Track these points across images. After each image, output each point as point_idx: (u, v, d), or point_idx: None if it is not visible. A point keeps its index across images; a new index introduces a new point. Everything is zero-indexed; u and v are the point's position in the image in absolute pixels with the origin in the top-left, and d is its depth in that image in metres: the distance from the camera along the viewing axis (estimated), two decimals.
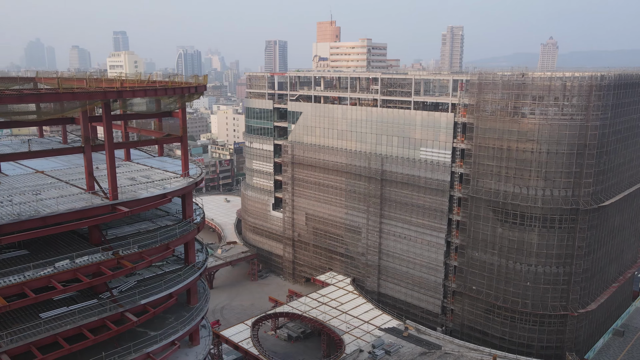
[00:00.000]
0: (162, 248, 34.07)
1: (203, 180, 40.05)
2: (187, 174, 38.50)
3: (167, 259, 40.40)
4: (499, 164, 74.70)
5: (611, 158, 75.43)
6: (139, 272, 37.27)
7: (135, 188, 35.22)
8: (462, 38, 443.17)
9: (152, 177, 38.29)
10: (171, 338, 34.92)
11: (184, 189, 36.42)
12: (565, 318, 75.66)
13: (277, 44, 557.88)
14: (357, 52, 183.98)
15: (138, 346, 33.10)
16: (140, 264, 32.15)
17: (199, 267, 38.94)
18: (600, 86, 69.02)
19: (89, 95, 30.28)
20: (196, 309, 38.63)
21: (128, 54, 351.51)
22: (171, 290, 34.77)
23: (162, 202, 34.29)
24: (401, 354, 72.53)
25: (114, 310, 31.54)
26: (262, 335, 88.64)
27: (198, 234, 39.87)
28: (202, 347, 40.19)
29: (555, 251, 73.93)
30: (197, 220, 39.26)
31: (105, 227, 37.48)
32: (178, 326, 35.97)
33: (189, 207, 38.47)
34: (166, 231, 36.45)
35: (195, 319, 37.70)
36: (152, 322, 37.39)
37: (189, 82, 39.50)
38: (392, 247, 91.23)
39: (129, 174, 39.56)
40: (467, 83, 78.40)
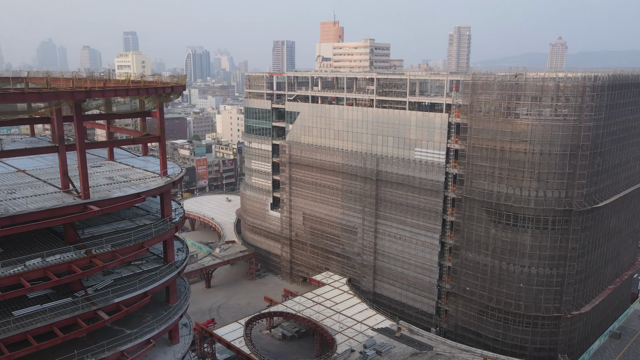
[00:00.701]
0: (137, 247, 34.40)
1: (181, 180, 40.35)
2: (165, 173, 38.83)
3: (146, 257, 40.81)
4: (492, 165, 74.45)
5: (606, 159, 74.86)
6: (117, 270, 37.67)
7: (110, 187, 35.60)
8: (469, 38, 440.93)
9: (130, 177, 38.66)
10: (146, 337, 35.23)
11: (159, 189, 36.70)
12: (558, 320, 75.24)
13: (284, 44, 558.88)
14: (360, 53, 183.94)
15: (112, 344, 33.48)
16: (112, 262, 32.49)
17: (177, 266, 39.21)
18: (593, 87, 68.55)
19: (56, 95, 30.68)
20: (174, 308, 38.95)
21: (135, 54, 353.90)
22: (146, 289, 35.10)
23: (135, 201, 34.65)
24: (392, 355, 72.52)
25: (86, 309, 31.92)
26: (257, 334, 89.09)
27: (197, 233, 40.04)
28: (182, 346, 40.50)
29: (549, 252, 73.56)
30: (175, 219, 39.55)
31: (83, 226, 37.96)
32: (154, 325, 36.31)
33: (167, 207, 38.76)
34: (142, 230, 36.80)
35: (172, 317, 38.01)
36: (130, 321, 37.78)
37: (165, 82, 39.76)
38: (388, 248, 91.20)
39: (108, 173, 39.99)
40: (461, 83, 78.12)
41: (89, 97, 31.67)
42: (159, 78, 43.20)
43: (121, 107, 40.82)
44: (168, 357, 38.86)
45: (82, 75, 48.37)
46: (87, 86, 32.17)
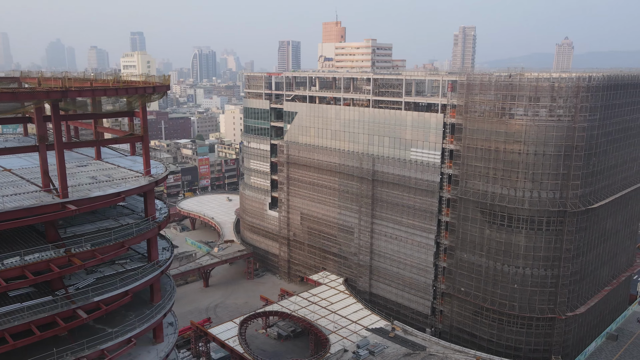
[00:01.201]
0: (117, 246, 34.67)
1: (165, 179, 40.63)
2: (148, 172, 39.11)
3: (131, 256, 41.15)
4: (486, 165, 74.29)
5: (601, 160, 74.50)
6: (101, 269, 38.02)
7: (91, 187, 35.92)
8: (475, 38, 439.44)
9: (114, 176, 38.95)
10: (127, 335, 35.53)
11: (140, 188, 36.98)
12: (553, 321, 74.97)
13: (290, 44, 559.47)
14: (361, 53, 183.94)
15: (92, 343, 33.78)
16: (90, 261, 32.79)
17: (160, 265, 39.48)
18: (588, 87, 68.25)
19: (31, 95, 31.05)
20: (157, 307, 39.22)
21: (141, 54, 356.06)
22: (127, 288, 35.37)
23: (115, 200, 34.94)
24: (385, 355, 72.54)
25: (65, 307, 32.26)
26: (252, 334, 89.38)
27: (197, 232, 40.19)
28: (166, 345, 40.77)
29: (543, 253, 73.31)
30: (159, 219, 39.85)
31: (66, 225, 38.34)
32: (135, 323, 36.61)
33: (150, 206, 39.02)
34: (123, 230, 37.11)
35: (155, 317, 38.29)
36: (113, 319, 38.12)
37: (147, 82, 40.02)
38: (384, 248, 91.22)
39: (92, 172, 40.32)
40: (456, 84, 77.99)
41: (65, 97, 31.99)
42: (144, 78, 43.41)
43: (107, 107, 41.06)
44: (151, 356, 39.15)
45: (73, 75, 48.67)
46: (68, 86, 32.44)
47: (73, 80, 43.85)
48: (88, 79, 42.93)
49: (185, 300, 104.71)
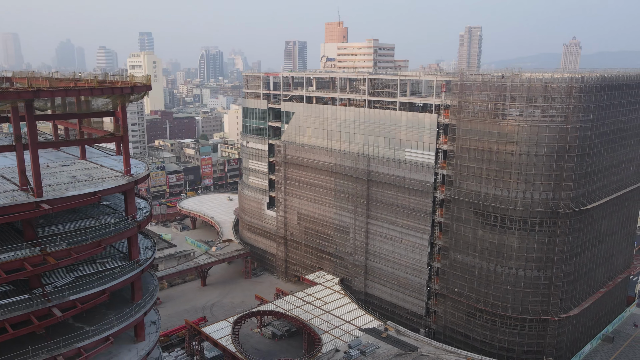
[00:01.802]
0: (93, 245, 35.01)
1: (145, 178, 40.94)
2: (127, 172, 39.45)
3: (113, 255, 41.54)
4: (480, 166, 74.12)
5: (595, 161, 74.07)
6: (81, 268, 38.43)
7: (68, 186, 36.33)
8: (480, 38, 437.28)
9: (94, 176, 39.34)
10: (105, 334, 35.87)
11: (117, 188, 37.34)
12: (546, 322, 74.67)
13: (296, 44, 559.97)
14: (363, 53, 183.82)
15: (68, 341, 34.17)
16: (65, 260, 33.16)
17: (141, 264, 39.78)
18: (580, 88, 67.89)
19: (2, 95, 31.46)
20: (137, 306, 39.54)
21: (147, 54, 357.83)
22: (104, 287, 35.71)
23: (91, 200, 35.28)
24: (377, 355, 72.61)
25: (40, 306, 32.67)
26: (247, 333, 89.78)
27: (198, 231, 40.40)
28: (146, 344, 41.07)
29: (536, 254, 73.02)
30: (139, 218, 40.16)
31: (47, 224, 38.79)
32: (114, 322, 36.99)
33: (130, 205, 39.34)
34: (102, 228, 37.47)
35: (134, 315, 38.63)
36: (94, 318, 38.48)
37: (125, 82, 40.35)
38: (379, 248, 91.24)
39: (74, 172, 40.70)
40: (450, 84, 77.84)
41: (37, 97, 32.41)
42: (133, 78, 43.74)
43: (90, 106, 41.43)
44: (131, 354, 39.48)
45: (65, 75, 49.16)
46: (54, 86, 32.79)
47: (58, 81, 44.36)
48: (73, 79, 43.32)
49: (182, 299, 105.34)
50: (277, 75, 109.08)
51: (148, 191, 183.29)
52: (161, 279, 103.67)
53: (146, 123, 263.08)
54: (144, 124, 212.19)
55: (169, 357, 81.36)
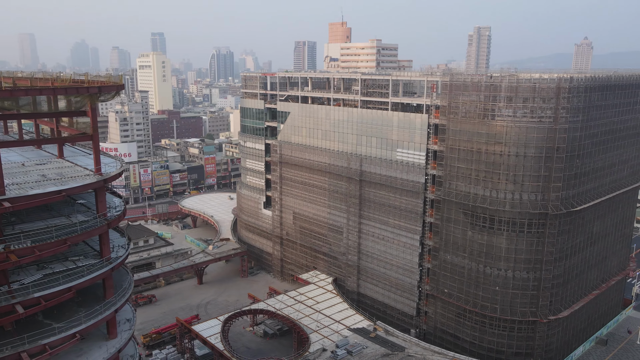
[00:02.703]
0: (58, 243, 35.62)
1: (117, 177, 41.48)
2: (98, 170, 40.00)
3: (86, 253, 42.18)
4: (469, 167, 73.90)
5: (586, 162, 73.49)
6: (51, 266, 39.09)
7: (35, 184, 36.97)
8: (489, 39, 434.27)
9: (65, 174, 39.94)
10: (72, 331, 36.47)
11: (84, 186, 37.91)
12: (535, 324, 74.24)
13: (305, 44, 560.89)
14: (366, 53, 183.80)
15: (34, 337, 34.81)
16: (28, 257, 33.76)
17: (111, 262, 40.34)
18: (569, 88, 67.44)
19: None
20: (107, 303, 40.10)
21: (156, 54, 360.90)
22: (70, 285, 36.30)
23: (55, 198, 35.83)
24: (363, 355, 72.70)
25: (4, 302, 33.28)
26: (240, 331, 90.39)
27: (198, 230, 40.81)
28: (118, 341, 41.66)
29: (524, 256, 72.63)
30: (110, 216, 40.72)
31: (18, 222, 39.52)
32: (81, 319, 37.59)
33: (101, 204, 39.89)
34: (68, 227, 38.07)
35: (103, 312, 39.20)
36: (64, 315, 39.15)
37: (92, 82, 40.87)
38: (371, 248, 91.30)
39: (46, 170, 41.33)
40: (439, 84, 77.73)
41: None
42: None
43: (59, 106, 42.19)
44: (102, 351, 40.06)
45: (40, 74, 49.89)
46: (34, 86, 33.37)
47: (38, 80, 45.13)
48: (51, 79, 44.05)
49: (178, 296, 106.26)
50: (274, 75, 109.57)
51: (152, 190, 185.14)
52: (157, 276, 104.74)
53: (153, 123, 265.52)
54: (148, 123, 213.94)
55: (160, 354, 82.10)
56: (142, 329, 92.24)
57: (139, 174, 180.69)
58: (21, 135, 52.34)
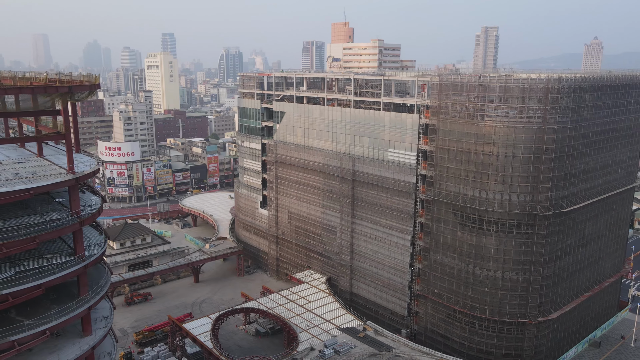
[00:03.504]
0: (27, 241, 36.14)
1: (91, 175, 41.95)
2: (71, 169, 40.50)
3: (62, 251, 42.74)
4: (458, 167, 73.68)
5: (576, 163, 72.96)
6: (25, 263, 39.67)
7: (4, 183, 37.40)
8: (497, 39, 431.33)
9: (38, 173, 40.46)
10: (42, 327, 37.04)
11: (54, 185, 38.37)
12: (524, 326, 73.85)
13: (314, 44, 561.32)
14: (368, 53, 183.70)
15: (2, 334, 35.31)
16: None
17: (84, 259, 40.83)
18: (558, 89, 67.00)
19: None
20: (79, 301, 40.60)
21: (163, 54, 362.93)
22: (40, 282, 36.85)
23: (23, 196, 36.28)
24: (351, 354, 72.75)
25: None
26: (232, 330, 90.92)
27: (198, 229, 41.16)
28: (92, 339, 42.15)
29: (513, 257, 72.28)
30: (84, 214, 41.21)
31: None
32: (52, 316, 38.13)
33: (74, 202, 40.44)
34: (39, 224, 38.63)
35: (75, 310, 39.70)
36: (37, 312, 39.73)
37: (65, 81, 41.33)
38: (363, 248, 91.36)
39: (21, 169, 41.80)
40: (429, 84, 77.57)
41: None
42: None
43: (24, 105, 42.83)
44: (75, 348, 40.57)
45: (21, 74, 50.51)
46: None
47: (18, 80, 45.81)
48: (30, 79, 44.69)
49: (174, 294, 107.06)
50: (270, 75, 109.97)
51: (155, 189, 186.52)
52: (153, 274, 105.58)
53: (159, 122, 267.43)
54: (152, 122, 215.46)
55: (151, 351, 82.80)
56: (136, 327, 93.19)
57: (142, 173, 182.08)
58: (7, 133, 53.07)
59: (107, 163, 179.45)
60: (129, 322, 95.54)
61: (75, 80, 41.86)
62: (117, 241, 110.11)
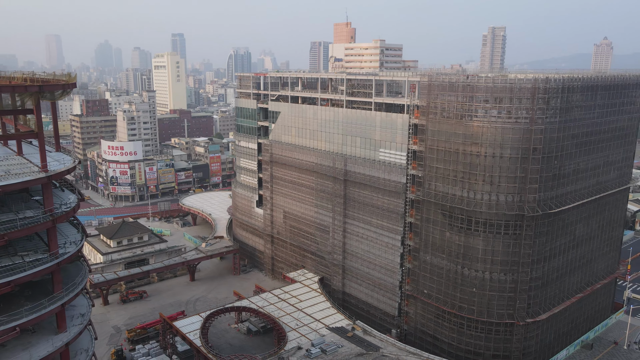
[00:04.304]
0: None
1: (65, 174, 42.49)
2: (44, 167, 41.05)
3: (38, 248, 43.33)
4: (447, 167, 73.60)
5: (566, 164, 72.59)
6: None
7: None
8: (504, 39, 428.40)
9: (11, 171, 41.07)
10: (11, 324, 37.61)
11: (24, 183, 38.94)
12: (512, 327, 73.57)
13: (321, 45, 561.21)
14: (370, 54, 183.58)
15: None
16: None
17: (57, 257, 41.38)
18: (545, 89, 66.72)
19: None
20: (51, 298, 41.18)
21: (170, 55, 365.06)
22: (9, 279, 37.43)
23: None
24: (338, 354, 72.90)
25: None
26: (225, 328, 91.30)
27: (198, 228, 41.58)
28: (66, 335, 42.72)
29: (501, 257, 72.06)
30: (57, 212, 41.77)
31: None
32: (23, 313, 38.71)
33: (47, 200, 41.03)
34: (9, 222, 39.22)
35: (47, 307, 40.27)
36: (10, 309, 40.32)
37: (34, 80, 41.84)
38: (355, 247, 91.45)
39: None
40: (419, 84, 77.52)
41: None
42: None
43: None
44: (48, 344, 41.17)
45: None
46: None
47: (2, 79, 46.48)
48: (9, 78, 45.38)
49: (169, 292, 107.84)
50: (266, 75, 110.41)
51: (157, 187, 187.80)
52: (148, 272, 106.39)
53: (165, 122, 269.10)
54: (155, 122, 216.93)
55: (142, 349, 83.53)
56: (130, 324, 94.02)
57: (144, 172, 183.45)
58: (5, 131, 53.85)
59: (110, 162, 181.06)
60: (123, 320, 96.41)
61: (47, 80, 42.41)
62: (114, 239, 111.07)
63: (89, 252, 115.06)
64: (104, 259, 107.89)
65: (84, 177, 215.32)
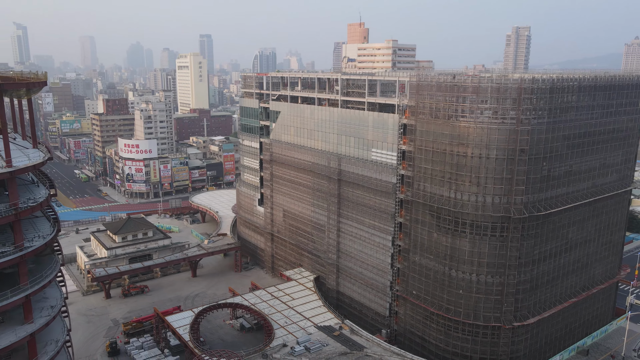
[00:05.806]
0: None
1: (29, 169, 43.85)
2: (8, 162, 42.52)
3: (7, 241, 44.89)
4: (435, 167, 73.13)
5: (556, 165, 71.28)
6: None
7: None
8: (529, 39, 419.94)
9: None
10: None
11: None
12: (499, 330, 72.63)
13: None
14: (382, 54, 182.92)
15: None
16: None
17: (21, 250, 42.85)
18: (532, 89, 65.74)
19: None
20: (14, 289, 42.68)
21: (193, 55, 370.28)
22: None
23: None
24: (322, 352, 73.22)
25: None
26: (219, 324, 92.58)
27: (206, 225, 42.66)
28: (31, 326, 44.20)
29: (488, 260, 71.19)
30: (23, 206, 43.23)
31: None
32: None
33: (11, 195, 42.57)
34: None
35: (10, 298, 41.75)
36: None
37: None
38: (349, 247, 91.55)
39: None
40: (408, 84, 77.17)
41: None
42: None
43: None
44: (12, 334, 42.70)
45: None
46: None
47: None
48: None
49: (170, 288, 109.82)
50: (268, 75, 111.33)
51: (171, 185, 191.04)
52: (149, 267, 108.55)
53: (184, 121, 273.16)
54: (171, 121, 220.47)
55: (136, 342, 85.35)
56: (128, 318, 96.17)
57: (159, 170, 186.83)
58: None
59: (125, 160, 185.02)
60: (122, 313, 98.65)
61: (9, 78, 43.95)
62: (119, 235, 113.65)
63: (96, 247, 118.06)
64: (108, 253, 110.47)
65: (102, 174, 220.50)
